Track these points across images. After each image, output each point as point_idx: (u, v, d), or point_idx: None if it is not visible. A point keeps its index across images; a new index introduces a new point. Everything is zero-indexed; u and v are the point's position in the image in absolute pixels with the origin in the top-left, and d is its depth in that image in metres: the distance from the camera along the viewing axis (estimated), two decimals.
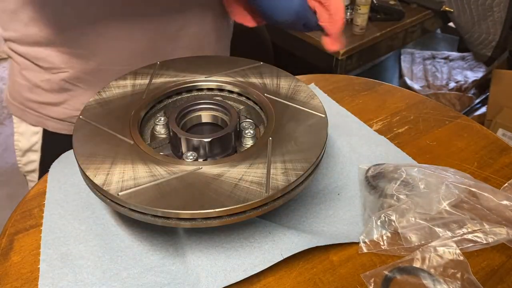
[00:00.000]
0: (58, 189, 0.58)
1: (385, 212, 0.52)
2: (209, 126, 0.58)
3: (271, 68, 0.63)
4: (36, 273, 0.48)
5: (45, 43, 0.68)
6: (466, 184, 0.53)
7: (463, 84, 1.97)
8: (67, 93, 0.72)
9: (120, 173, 0.46)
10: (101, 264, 0.49)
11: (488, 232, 0.50)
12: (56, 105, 0.73)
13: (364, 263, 0.50)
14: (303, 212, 0.55)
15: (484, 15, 1.60)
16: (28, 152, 0.78)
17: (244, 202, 0.43)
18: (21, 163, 0.80)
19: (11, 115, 0.80)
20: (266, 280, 0.48)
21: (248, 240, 0.50)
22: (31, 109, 0.75)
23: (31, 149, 0.77)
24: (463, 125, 0.69)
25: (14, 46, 0.71)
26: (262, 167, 0.47)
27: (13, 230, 0.54)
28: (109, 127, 0.52)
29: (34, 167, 0.79)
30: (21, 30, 0.68)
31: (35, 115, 0.75)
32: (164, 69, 0.62)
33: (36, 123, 0.75)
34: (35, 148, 0.77)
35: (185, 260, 0.49)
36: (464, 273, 0.47)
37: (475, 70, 2.05)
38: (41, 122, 0.75)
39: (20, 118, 0.77)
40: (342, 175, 0.60)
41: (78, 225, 0.53)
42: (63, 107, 0.74)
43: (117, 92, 0.58)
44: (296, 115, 0.55)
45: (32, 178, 0.81)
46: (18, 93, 0.75)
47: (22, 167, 0.81)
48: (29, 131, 0.76)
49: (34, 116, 0.75)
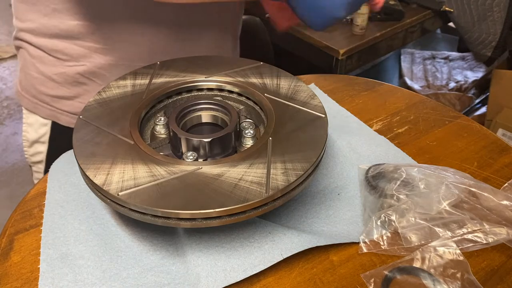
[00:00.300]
0: (58, 189, 0.58)
1: (385, 212, 0.52)
2: (209, 126, 0.58)
3: (271, 68, 0.63)
4: (36, 273, 0.48)
5: (64, 36, 0.68)
6: (466, 184, 0.53)
7: (463, 84, 1.97)
8: (81, 87, 0.72)
9: (120, 173, 0.46)
10: (101, 264, 0.49)
11: (488, 232, 0.50)
12: (69, 99, 0.73)
13: (364, 263, 0.50)
14: (303, 212, 0.55)
15: (484, 15, 1.60)
16: (35, 143, 0.78)
17: (244, 202, 0.43)
18: (28, 153, 0.80)
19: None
20: (266, 280, 0.48)
21: (248, 240, 0.50)
22: (43, 102, 0.74)
23: (38, 140, 0.78)
24: (463, 125, 0.69)
25: (30, 37, 0.71)
26: (262, 167, 0.47)
27: (13, 230, 0.54)
28: (109, 127, 0.52)
29: (41, 158, 0.79)
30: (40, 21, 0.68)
31: (48, 109, 0.75)
32: (164, 69, 0.62)
33: (47, 116, 0.75)
34: (43, 139, 0.77)
35: (185, 260, 0.49)
36: (464, 273, 0.47)
37: (475, 70, 2.05)
38: (53, 116, 0.75)
39: (31, 111, 0.77)
40: (342, 175, 0.60)
41: (78, 225, 0.53)
42: (77, 101, 0.74)
43: (117, 92, 0.58)
44: (296, 115, 0.55)
45: (38, 169, 0.81)
46: (31, 86, 0.75)
47: (28, 158, 0.81)
48: (38, 122, 0.76)
49: (47, 109, 0.75)
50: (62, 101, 0.74)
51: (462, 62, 2.13)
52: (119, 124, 0.53)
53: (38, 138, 0.77)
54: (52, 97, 0.73)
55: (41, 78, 0.73)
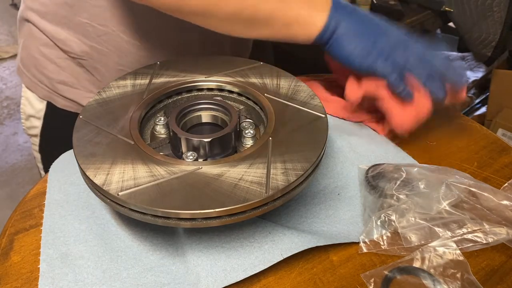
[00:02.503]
0: (58, 189, 0.58)
1: (385, 212, 0.52)
2: (209, 126, 0.58)
3: (271, 68, 0.63)
4: (36, 273, 0.48)
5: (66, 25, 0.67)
6: (466, 184, 0.53)
7: None
8: (83, 76, 0.72)
9: (120, 173, 0.46)
10: (101, 264, 0.49)
11: (488, 232, 0.50)
12: (69, 86, 0.73)
13: (364, 263, 0.50)
14: (303, 212, 0.55)
15: (484, 15, 1.60)
16: (31, 118, 0.79)
17: (244, 202, 0.43)
18: (25, 125, 0.81)
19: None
20: (266, 280, 0.48)
21: (248, 240, 0.50)
22: (42, 83, 0.74)
23: (34, 115, 0.78)
24: (463, 125, 0.69)
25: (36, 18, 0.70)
26: (262, 167, 0.47)
27: (13, 230, 0.54)
28: (109, 127, 0.52)
29: (36, 133, 0.79)
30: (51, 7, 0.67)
31: (46, 90, 0.75)
32: (164, 69, 0.62)
33: (45, 97, 0.75)
34: (38, 115, 0.77)
35: (185, 260, 0.49)
36: (464, 273, 0.47)
37: (475, 70, 2.05)
38: (50, 98, 0.75)
39: (29, 89, 0.77)
40: (342, 175, 0.60)
41: (78, 225, 0.53)
42: (77, 88, 0.73)
43: (117, 92, 0.58)
44: (296, 115, 0.55)
45: (34, 142, 0.81)
46: (32, 65, 0.74)
47: (25, 130, 0.82)
48: (35, 97, 0.77)
49: (45, 91, 0.75)
50: (61, 86, 0.73)
51: (462, 62, 2.13)
52: (119, 124, 0.53)
53: (34, 113, 0.77)
54: (52, 79, 0.73)
55: (43, 60, 0.72)
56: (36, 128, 0.79)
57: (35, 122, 0.78)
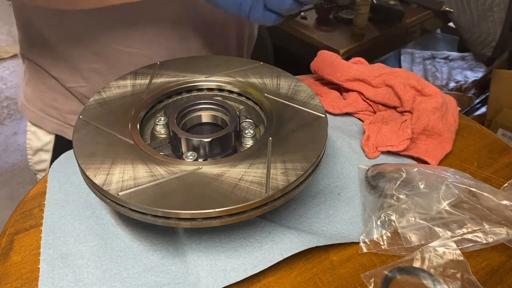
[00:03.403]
0: (58, 189, 0.58)
1: (385, 212, 0.52)
2: (209, 126, 0.58)
3: (271, 68, 0.63)
4: (36, 273, 0.48)
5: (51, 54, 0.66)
6: (466, 184, 0.53)
7: (463, 84, 1.97)
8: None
9: (120, 173, 0.46)
10: (101, 264, 0.49)
11: (488, 232, 0.50)
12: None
13: (364, 263, 0.50)
14: (303, 212, 0.55)
15: (484, 15, 1.60)
16: (39, 152, 0.77)
17: (244, 202, 0.43)
18: (31, 161, 0.79)
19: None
20: (266, 280, 0.48)
21: (248, 240, 0.50)
22: (51, 116, 0.73)
23: (42, 148, 0.77)
24: (463, 125, 0.69)
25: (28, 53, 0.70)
26: (262, 167, 0.47)
27: (13, 230, 0.54)
28: (109, 127, 0.52)
29: (45, 167, 0.78)
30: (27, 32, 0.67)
31: (54, 123, 0.73)
32: (164, 69, 0.62)
33: (53, 130, 0.74)
34: (47, 148, 0.76)
35: (185, 260, 0.49)
36: (464, 273, 0.47)
37: (475, 70, 2.05)
38: (60, 130, 0.74)
39: (36, 125, 0.75)
40: (342, 175, 0.60)
41: (78, 225, 0.53)
42: None
43: (117, 92, 0.58)
44: (296, 115, 0.55)
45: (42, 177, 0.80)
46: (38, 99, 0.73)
47: (32, 166, 0.80)
48: (42, 131, 0.75)
49: (53, 123, 0.74)
50: (71, 116, 0.72)
51: (462, 62, 2.13)
52: (119, 124, 0.53)
53: (42, 146, 0.76)
54: (60, 110, 0.72)
55: (51, 92, 0.71)
56: (44, 162, 0.77)
57: (44, 155, 0.77)
